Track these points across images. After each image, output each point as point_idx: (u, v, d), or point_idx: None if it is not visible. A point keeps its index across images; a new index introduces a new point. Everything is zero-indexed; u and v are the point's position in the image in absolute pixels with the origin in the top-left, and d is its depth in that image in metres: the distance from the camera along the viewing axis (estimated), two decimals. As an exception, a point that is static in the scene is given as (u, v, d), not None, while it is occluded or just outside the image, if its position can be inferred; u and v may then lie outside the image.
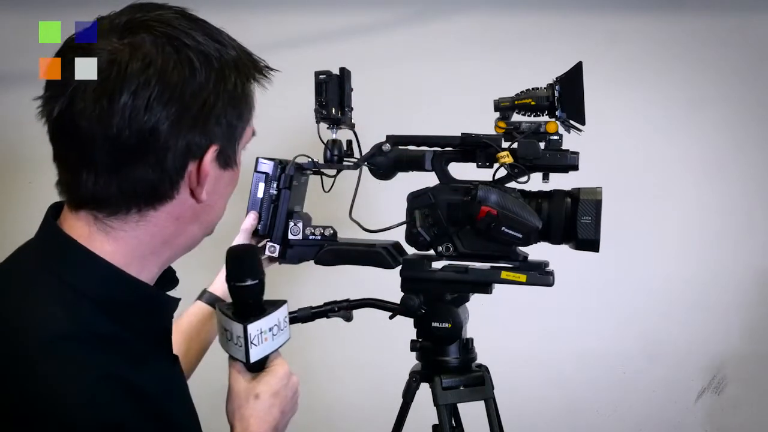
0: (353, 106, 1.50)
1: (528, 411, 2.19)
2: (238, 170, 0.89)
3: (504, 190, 1.37)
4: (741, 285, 2.30)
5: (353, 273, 1.51)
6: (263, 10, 2.25)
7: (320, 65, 1.44)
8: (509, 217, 1.32)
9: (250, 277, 0.93)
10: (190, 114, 0.77)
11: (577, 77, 1.33)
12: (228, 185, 0.89)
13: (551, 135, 1.36)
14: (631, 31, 2.26)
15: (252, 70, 0.85)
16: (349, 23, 2.25)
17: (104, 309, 0.77)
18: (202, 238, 0.91)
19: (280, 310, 0.95)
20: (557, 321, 2.26)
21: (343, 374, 2.29)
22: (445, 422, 1.41)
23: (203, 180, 0.81)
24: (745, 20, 2.27)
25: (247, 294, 0.93)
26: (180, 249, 0.88)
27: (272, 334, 0.92)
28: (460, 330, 1.42)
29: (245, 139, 0.88)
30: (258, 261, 0.97)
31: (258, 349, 0.91)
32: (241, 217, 1.43)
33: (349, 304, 1.49)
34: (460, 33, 2.24)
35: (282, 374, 0.94)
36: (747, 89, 2.27)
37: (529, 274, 1.38)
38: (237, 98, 0.82)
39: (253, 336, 0.90)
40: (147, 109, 0.74)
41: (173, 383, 0.88)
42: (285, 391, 0.94)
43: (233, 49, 0.83)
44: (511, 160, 1.35)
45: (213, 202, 0.86)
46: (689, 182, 2.29)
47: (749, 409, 2.33)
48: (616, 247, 2.38)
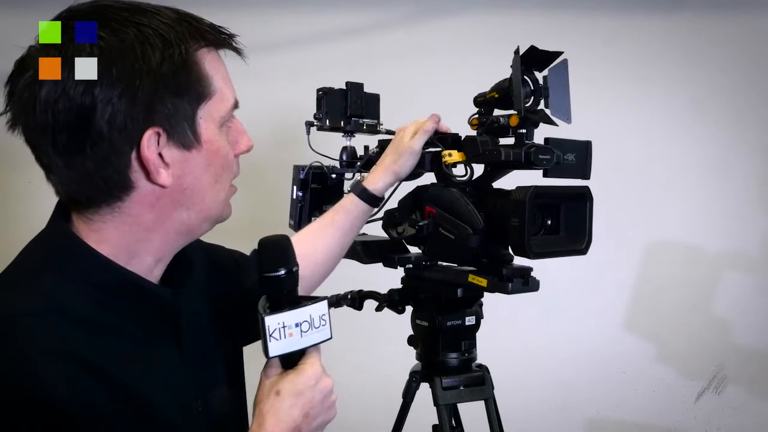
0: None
1: (528, 411, 2.19)
2: (217, 147, 0.84)
3: (460, 189, 1.30)
4: (741, 285, 2.30)
5: (361, 269, 1.53)
6: (263, 10, 2.25)
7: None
8: (445, 218, 1.29)
9: (283, 267, 0.87)
10: (114, 101, 0.75)
11: (563, 73, 1.25)
12: (208, 165, 0.84)
13: (517, 129, 1.26)
14: (632, 30, 2.26)
15: (190, 39, 0.79)
16: (349, 23, 2.25)
17: (89, 295, 0.79)
18: (204, 223, 0.87)
19: (315, 306, 0.88)
20: (557, 321, 2.26)
21: (342, 374, 2.28)
22: (445, 422, 1.41)
23: (151, 166, 0.78)
24: (745, 20, 2.27)
25: (276, 285, 0.88)
26: (173, 235, 0.86)
27: (301, 330, 0.86)
28: (439, 330, 1.42)
29: (212, 113, 0.82)
30: (291, 251, 0.90)
31: (280, 343, 0.85)
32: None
33: (353, 294, 1.50)
34: (460, 32, 2.24)
35: (310, 374, 0.87)
36: (747, 89, 2.27)
37: (489, 279, 1.28)
38: (167, 75, 0.77)
39: (272, 329, 0.85)
40: (68, 99, 0.74)
41: (170, 373, 0.87)
42: (310, 392, 0.86)
43: (163, 23, 0.78)
44: (452, 159, 1.30)
45: (191, 185, 0.83)
46: (690, 182, 2.30)
47: (749, 409, 2.33)
48: (617, 248, 2.40)
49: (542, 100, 1.25)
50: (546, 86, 1.24)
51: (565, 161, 1.25)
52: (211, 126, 0.83)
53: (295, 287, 0.89)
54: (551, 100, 1.24)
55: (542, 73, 1.26)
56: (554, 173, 1.24)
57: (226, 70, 0.86)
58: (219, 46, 0.84)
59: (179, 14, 0.81)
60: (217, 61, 0.84)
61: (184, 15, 0.82)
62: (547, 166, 1.21)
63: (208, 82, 0.82)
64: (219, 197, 0.87)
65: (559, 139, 1.25)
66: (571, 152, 1.26)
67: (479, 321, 1.45)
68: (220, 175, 0.86)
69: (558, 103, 1.24)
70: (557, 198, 1.24)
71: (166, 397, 0.84)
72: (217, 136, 0.84)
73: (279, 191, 2.24)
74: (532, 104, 1.25)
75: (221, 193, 0.87)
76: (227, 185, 0.89)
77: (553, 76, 1.25)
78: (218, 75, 0.83)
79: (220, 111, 0.83)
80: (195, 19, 0.83)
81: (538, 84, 1.24)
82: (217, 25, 0.85)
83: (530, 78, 1.24)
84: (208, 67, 0.82)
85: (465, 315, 1.45)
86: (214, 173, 0.85)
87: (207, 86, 0.82)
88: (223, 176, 0.87)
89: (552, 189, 1.21)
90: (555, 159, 1.22)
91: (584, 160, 1.28)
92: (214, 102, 0.83)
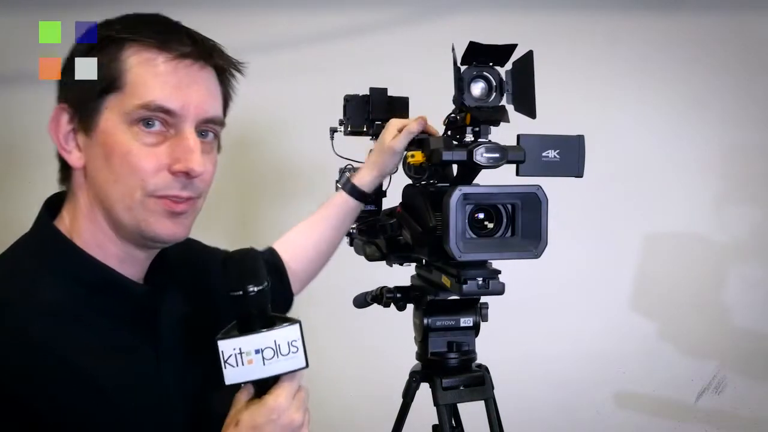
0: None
1: (528, 411, 2.19)
2: (115, 142, 0.81)
3: (432, 189, 1.28)
4: (742, 286, 2.30)
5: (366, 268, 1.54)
6: (262, 10, 2.25)
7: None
8: (404, 217, 1.30)
9: (250, 284, 0.80)
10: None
11: (527, 67, 1.18)
12: (105, 158, 0.82)
13: (474, 127, 1.21)
14: (632, 31, 2.26)
15: (131, 32, 0.82)
16: (350, 23, 2.25)
17: (68, 287, 0.82)
18: (118, 228, 0.85)
19: (282, 330, 0.79)
20: (557, 321, 2.26)
21: (343, 374, 2.29)
22: (445, 422, 1.40)
23: (59, 141, 0.84)
24: (746, 20, 2.27)
25: (244, 304, 0.81)
26: (113, 230, 0.85)
27: (263, 357, 0.78)
28: (416, 329, 1.43)
29: (119, 105, 0.81)
30: (259, 266, 0.84)
31: (236, 371, 0.78)
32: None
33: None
34: (461, 32, 2.24)
35: (272, 407, 0.80)
36: (747, 86, 2.27)
37: (451, 280, 1.23)
38: (81, 52, 0.83)
39: (227, 355, 0.78)
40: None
41: (142, 370, 0.86)
42: (270, 426, 0.80)
43: (132, 15, 0.85)
44: (414, 160, 1.29)
45: (93, 174, 0.84)
46: (689, 182, 2.30)
47: (749, 409, 2.33)
48: (617, 248, 2.40)
49: (504, 96, 1.19)
50: (507, 81, 1.19)
51: (544, 158, 1.20)
52: (114, 118, 0.82)
53: (265, 306, 0.82)
54: (514, 95, 1.19)
55: (505, 68, 1.20)
56: (531, 171, 1.20)
57: (172, 77, 0.83)
58: (161, 48, 0.83)
59: (152, 14, 0.86)
60: (153, 61, 0.82)
61: (154, 16, 0.86)
62: (495, 165, 1.15)
63: (120, 73, 0.81)
64: (125, 202, 0.82)
65: (534, 135, 1.20)
66: (554, 149, 1.20)
67: (477, 323, 1.43)
68: (121, 175, 0.81)
69: (521, 98, 1.19)
70: (503, 198, 1.18)
71: (132, 392, 0.84)
72: (118, 132, 0.81)
73: (278, 192, 2.25)
74: (493, 100, 1.19)
75: (127, 199, 0.82)
76: (134, 192, 0.82)
77: (516, 70, 1.20)
78: (140, 72, 0.81)
79: (126, 106, 0.81)
80: (155, 18, 0.86)
81: (500, 79, 1.19)
82: (204, 37, 0.86)
83: (491, 74, 1.19)
84: (133, 61, 0.82)
85: (460, 316, 1.43)
86: (113, 170, 0.81)
87: (118, 77, 0.81)
88: (126, 179, 0.82)
89: (493, 189, 1.16)
90: (520, 158, 1.16)
91: (574, 156, 1.22)
92: (124, 95, 0.81)
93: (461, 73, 1.18)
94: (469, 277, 1.19)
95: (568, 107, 1.99)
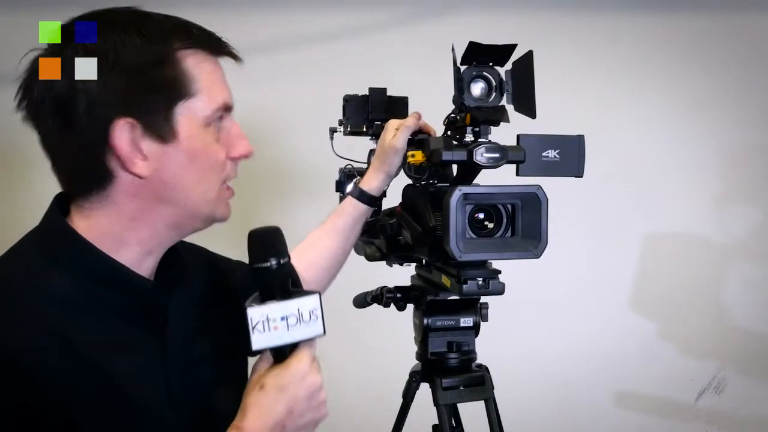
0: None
1: (528, 411, 2.19)
2: (199, 145, 0.85)
3: (432, 190, 1.28)
4: (742, 286, 2.30)
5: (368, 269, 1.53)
6: (263, 9, 2.25)
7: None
8: (404, 217, 1.29)
9: (273, 257, 0.84)
10: (91, 91, 0.80)
11: (527, 67, 1.18)
12: (190, 162, 0.85)
13: (474, 127, 1.21)
14: (632, 31, 2.26)
15: (174, 39, 0.83)
16: (349, 23, 2.25)
17: (77, 280, 0.84)
18: (192, 220, 0.89)
19: (304, 299, 0.85)
20: (557, 321, 2.26)
21: (343, 374, 2.29)
22: (445, 422, 1.40)
23: (124, 155, 0.82)
24: (746, 20, 2.27)
25: (267, 277, 0.85)
26: (162, 227, 0.88)
27: (287, 324, 0.83)
28: (416, 329, 1.42)
29: (194, 111, 0.84)
30: (281, 241, 0.87)
31: (263, 336, 0.83)
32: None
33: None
34: (460, 33, 2.24)
35: (297, 369, 0.84)
36: (747, 86, 2.28)
37: (452, 280, 1.23)
38: (142, 70, 0.81)
39: (255, 322, 0.82)
40: (53, 89, 0.81)
41: (146, 365, 0.88)
42: (295, 388, 0.84)
43: (150, 24, 0.84)
44: (414, 160, 1.28)
45: (171, 179, 0.85)
46: (689, 182, 2.30)
47: (749, 409, 2.33)
48: (617, 248, 2.40)
49: (504, 96, 1.19)
50: (507, 81, 1.19)
51: (544, 158, 1.20)
52: (192, 123, 0.85)
53: (287, 279, 0.87)
54: (514, 95, 1.20)
55: (505, 68, 1.21)
56: (531, 171, 1.20)
57: (220, 74, 0.89)
58: (209, 50, 0.87)
59: (170, 18, 0.85)
60: (205, 62, 0.86)
61: (176, 19, 0.85)
62: (495, 165, 1.15)
63: (188, 80, 0.84)
64: (207, 196, 0.89)
65: (534, 135, 1.20)
66: (554, 148, 1.20)
67: (477, 323, 1.42)
68: (206, 173, 0.87)
69: (521, 98, 1.19)
70: (503, 198, 1.18)
71: (136, 385, 0.86)
72: (200, 134, 0.86)
73: (278, 192, 2.25)
74: (493, 100, 1.20)
75: (209, 193, 0.89)
76: (216, 185, 0.89)
77: (516, 70, 1.20)
78: (205, 76, 0.86)
79: (203, 110, 0.85)
80: (185, 23, 0.86)
81: (500, 79, 1.19)
82: (211, 31, 0.87)
83: (490, 74, 1.20)
84: (191, 66, 0.85)
85: (460, 316, 1.43)
86: (198, 171, 0.87)
87: (187, 84, 0.84)
88: (209, 175, 0.88)
89: (493, 189, 1.16)
90: (520, 158, 1.16)
91: (574, 156, 1.22)
92: (197, 101, 0.85)
93: (461, 73, 1.18)
94: (469, 277, 1.20)
95: (568, 107, 1.99)
